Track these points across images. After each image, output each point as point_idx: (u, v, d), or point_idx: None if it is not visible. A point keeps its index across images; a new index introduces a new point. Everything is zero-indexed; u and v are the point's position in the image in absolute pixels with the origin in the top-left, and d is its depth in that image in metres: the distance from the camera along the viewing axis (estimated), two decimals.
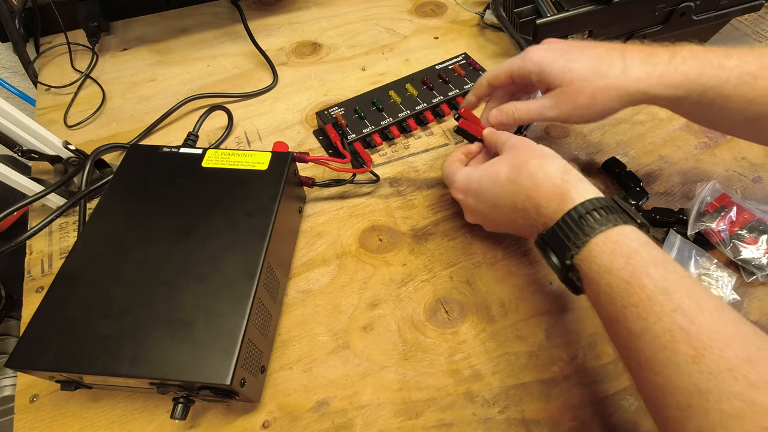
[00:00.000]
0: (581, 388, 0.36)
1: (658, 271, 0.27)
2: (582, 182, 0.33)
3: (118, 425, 0.35)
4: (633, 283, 0.27)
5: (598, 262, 0.29)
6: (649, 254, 0.28)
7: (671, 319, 0.25)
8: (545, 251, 0.33)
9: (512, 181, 0.35)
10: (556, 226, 0.31)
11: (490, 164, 0.38)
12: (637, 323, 0.26)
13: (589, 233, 0.29)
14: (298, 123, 0.56)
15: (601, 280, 0.28)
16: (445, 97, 0.54)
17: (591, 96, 0.36)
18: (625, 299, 0.27)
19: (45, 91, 0.59)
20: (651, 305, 0.26)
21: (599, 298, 0.29)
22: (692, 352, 0.23)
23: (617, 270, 0.28)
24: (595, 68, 0.36)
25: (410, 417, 0.35)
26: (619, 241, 0.29)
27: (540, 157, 0.35)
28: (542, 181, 0.33)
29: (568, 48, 0.38)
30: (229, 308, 0.32)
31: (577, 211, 0.31)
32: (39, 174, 0.50)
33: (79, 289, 0.33)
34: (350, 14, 0.70)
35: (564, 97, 0.37)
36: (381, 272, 0.43)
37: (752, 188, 0.48)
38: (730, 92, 0.34)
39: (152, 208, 0.38)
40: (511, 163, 0.36)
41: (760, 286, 0.41)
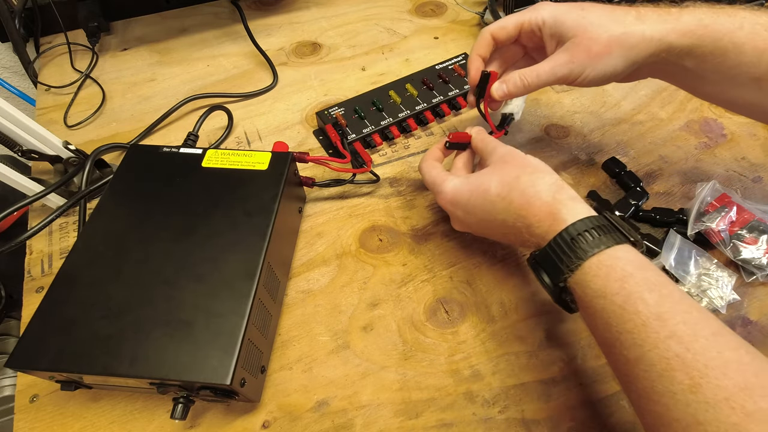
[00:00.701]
0: (581, 388, 0.36)
1: (652, 296, 0.26)
2: (574, 201, 0.32)
3: (118, 425, 0.35)
4: (627, 308, 0.26)
5: (592, 287, 0.28)
6: (644, 278, 0.27)
7: (666, 347, 0.24)
8: (537, 271, 0.33)
9: (502, 198, 0.34)
10: (548, 248, 0.31)
11: (478, 178, 0.36)
12: (632, 350, 0.26)
13: (581, 256, 0.29)
14: (298, 123, 0.56)
15: (595, 304, 0.28)
16: (445, 97, 0.54)
17: (607, 44, 0.35)
18: (621, 325, 0.26)
19: (45, 91, 0.59)
20: (646, 332, 0.25)
21: (595, 323, 0.29)
22: (689, 381, 0.23)
23: (611, 295, 0.27)
24: (610, 16, 0.35)
25: (410, 417, 0.35)
26: (613, 264, 0.28)
27: (531, 173, 0.34)
28: (533, 199, 0.33)
29: (579, 2, 0.37)
30: (229, 308, 0.32)
31: (568, 233, 0.30)
32: (39, 174, 0.50)
33: (79, 289, 0.33)
34: (350, 14, 0.70)
35: (577, 48, 0.35)
36: (381, 272, 0.43)
37: (752, 188, 0.48)
38: (743, 41, 0.33)
39: (152, 208, 0.38)
40: (501, 180, 0.35)
41: (760, 286, 0.41)
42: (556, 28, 0.36)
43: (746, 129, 0.54)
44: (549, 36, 0.37)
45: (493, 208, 0.35)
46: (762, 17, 0.34)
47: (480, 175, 0.37)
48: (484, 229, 0.39)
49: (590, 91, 0.58)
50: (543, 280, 0.32)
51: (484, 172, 0.37)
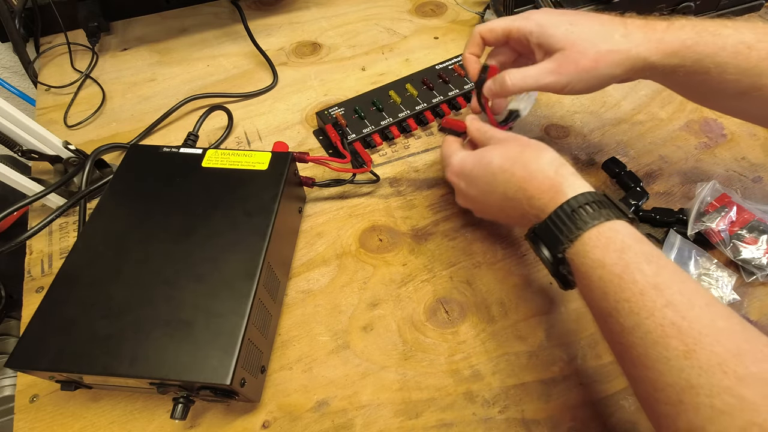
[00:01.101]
0: (581, 388, 0.36)
1: (650, 267, 0.27)
2: (575, 176, 0.33)
3: (118, 425, 0.35)
4: (625, 278, 0.27)
5: (590, 257, 0.29)
6: (642, 250, 0.28)
7: (663, 315, 0.25)
8: (536, 244, 0.33)
9: (505, 170, 0.35)
10: (549, 220, 0.31)
11: (482, 152, 0.38)
12: (629, 318, 0.26)
13: (581, 227, 0.29)
14: (298, 123, 0.56)
15: (593, 274, 0.28)
16: (445, 97, 0.54)
17: (594, 59, 0.36)
18: (618, 294, 0.27)
19: (45, 91, 0.59)
20: (643, 300, 0.26)
21: (592, 293, 0.29)
22: (683, 348, 0.24)
23: (610, 265, 0.28)
24: (598, 31, 0.36)
25: (410, 417, 0.35)
26: (612, 236, 0.29)
27: (534, 148, 0.35)
28: (535, 172, 0.33)
29: (569, 13, 0.38)
30: (229, 308, 0.32)
31: (569, 205, 0.31)
32: (39, 174, 0.50)
33: (79, 289, 0.33)
34: (350, 14, 0.70)
35: (565, 60, 0.36)
36: (381, 272, 0.43)
37: (752, 188, 0.48)
38: (726, 60, 0.34)
39: (152, 208, 0.38)
40: (503, 153, 0.36)
41: (760, 286, 0.41)
42: (544, 39, 0.37)
43: (746, 129, 0.53)
44: (536, 45, 0.38)
45: (494, 180, 0.36)
46: (746, 34, 0.34)
47: (484, 150, 0.38)
48: (484, 203, 0.39)
49: None
50: (541, 252, 0.32)
51: (488, 148, 0.38)
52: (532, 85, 0.38)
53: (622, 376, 0.36)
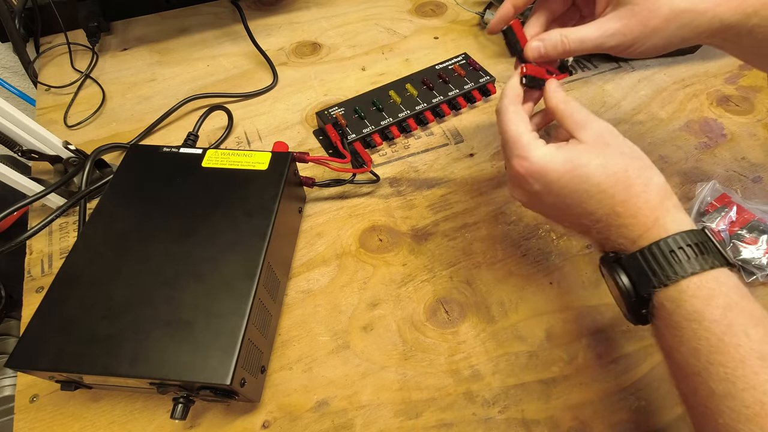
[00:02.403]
0: (581, 388, 0.36)
1: (757, 331, 0.24)
2: (679, 210, 0.29)
3: (118, 425, 0.35)
4: (726, 340, 0.24)
5: (687, 307, 0.26)
6: (750, 310, 0.25)
7: (765, 390, 0.23)
8: (616, 273, 0.29)
9: (602, 190, 0.29)
10: (641, 254, 0.28)
11: (576, 157, 0.30)
12: (722, 385, 0.24)
13: (681, 273, 0.26)
14: (298, 123, 0.56)
15: (687, 326, 0.26)
16: (445, 97, 0.54)
17: (666, 19, 0.30)
18: (713, 356, 0.24)
19: (45, 91, 0.59)
20: (743, 370, 0.23)
21: (679, 345, 0.26)
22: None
23: (709, 321, 0.25)
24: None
25: (410, 417, 0.35)
26: (716, 288, 0.26)
27: (640, 167, 0.30)
28: (639, 201, 0.29)
29: None
30: (229, 308, 0.32)
31: (668, 244, 0.27)
32: (39, 174, 0.50)
33: (79, 289, 0.33)
34: (350, 14, 0.70)
35: (634, 19, 0.31)
36: (381, 272, 0.43)
37: (752, 188, 0.48)
38: None
39: (152, 208, 0.38)
40: (605, 167, 0.29)
41: (760, 286, 0.41)
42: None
43: (746, 129, 0.54)
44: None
45: (587, 197, 0.30)
46: None
47: (578, 154, 0.30)
48: (557, 213, 0.33)
49: (590, 91, 0.58)
50: (622, 284, 0.29)
51: (582, 151, 0.30)
52: (592, 48, 0.32)
53: (622, 376, 0.37)
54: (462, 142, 0.53)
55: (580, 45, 0.32)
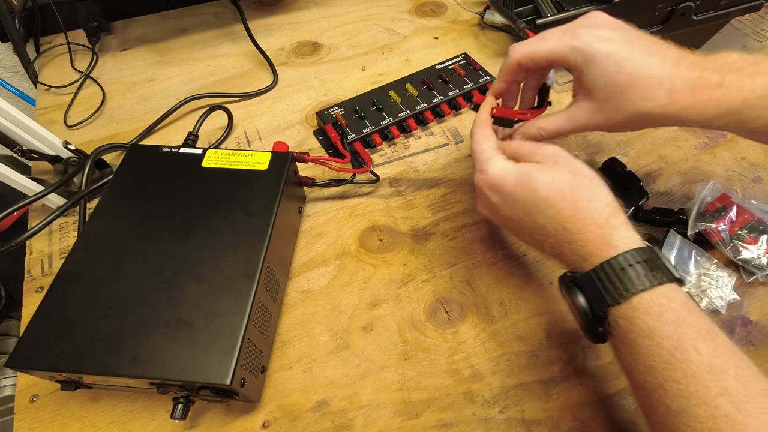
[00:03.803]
0: (581, 388, 0.36)
1: (706, 345, 0.25)
2: (626, 228, 0.30)
3: (118, 425, 0.35)
4: (677, 356, 0.25)
5: (639, 325, 0.26)
6: (698, 324, 0.26)
7: (716, 405, 0.23)
8: (573, 293, 0.30)
9: (551, 205, 0.31)
10: (594, 273, 0.29)
11: (528, 172, 0.33)
12: (677, 401, 0.24)
13: (631, 290, 0.27)
14: (298, 123, 0.56)
15: (640, 343, 0.26)
16: (445, 97, 0.54)
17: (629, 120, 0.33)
18: (667, 372, 0.25)
19: (45, 91, 0.59)
20: (695, 385, 0.24)
21: (635, 362, 0.27)
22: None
23: (660, 338, 0.26)
24: (642, 88, 0.32)
25: (410, 417, 0.35)
26: (666, 303, 0.26)
27: (587, 185, 0.31)
28: (585, 216, 0.30)
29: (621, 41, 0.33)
30: (229, 308, 0.32)
31: (618, 262, 0.28)
32: (39, 174, 0.50)
33: (79, 288, 0.33)
34: (350, 14, 0.70)
35: (601, 115, 0.34)
36: (381, 272, 0.43)
37: (752, 188, 0.48)
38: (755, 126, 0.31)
39: (152, 208, 0.38)
40: (553, 184, 0.32)
41: (760, 286, 0.41)
42: (586, 78, 0.34)
43: None
44: (577, 80, 0.35)
45: (536, 211, 0.32)
46: None
47: (530, 169, 0.33)
48: (515, 225, 0.35)
49: None
50: (579, 303, 0.30)
51: (535, 167, 0.33)
52: (566, 134, 0.37)
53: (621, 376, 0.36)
54: (462, 142, 0.53)
55: (557, 134, 0.37)
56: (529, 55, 0.36)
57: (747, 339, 0.38)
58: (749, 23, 0.67)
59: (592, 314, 0.29)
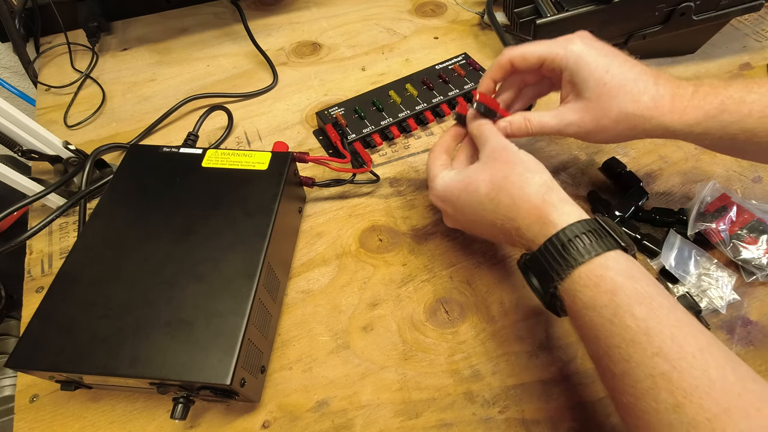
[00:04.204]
0: (581, 388, 0.36)
1: (641, 309, 0.26)
2: (564, 203, 0.31)
3: (118, 425, 0.35)
4: (616, 322, 0.26)
5: (581, 297, 0.28)
6: (634, 290, 0.27)
7: (653, 364, 0.24)
8: (527, 275, 0.32)
9: (491, 199, 0.33)
10: (539, 252, 0.30)
11: (468, 175, 0.35)
12: (619, 365, 0.26)
13: (572, 264, 0.28)
14: (298, 123, 0.56)
15: (584, 315, 0.28)
16: (445, 97, 0.54)
17: (615, 120, 0.35)
18: (608, 339, 0.26)
19: (45, 91, 0.59)
20: (633, 347, 0.25)
21: (584, 333, 0.28)
22: (673, 400, 0.23)
23: (600, 307, 0.27)
24: (629, 90, 0.34)
25: (410, 417, 0.35)
26: (603, 274, 0.27)
27: (520, 172, 0.33)
28: (521, 201, 0.32)
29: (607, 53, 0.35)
30: (229, 308, 0.32)
31: (559, 238, 0.29)
32: (39, 174, 0.50)
33: (79, 289, 0.33)
34: (350, 14, 0.70)
35: (588, 115, 0.35)
36: (381, 272, 0.43)
37: (752, 188, 0.48)
38: (753, 126, 0.33)
39: (152, 208, 0.38)
40: (490, 179, 0.33)
41: (760, 286, 0.41)
42: (577, 80, 0.35)
43: None
44: (567, 82, 0.36)
45: (482, 209, 0.34)
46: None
47: (470, 172, 0.35)
48: (474, 228, 0.38)
49: None
50: (532, 284, 0.31)
51: (474, 168, 0.35)
52: (551, 133, 0.37)
53: None
54: None
55: (540, 129, 0.37)
56: (522, 54, 0.37)
57: (747, 339, 0.38)
58: (749, 23, 0.67)
59: (545, 292, 0.30)
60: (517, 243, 0.33)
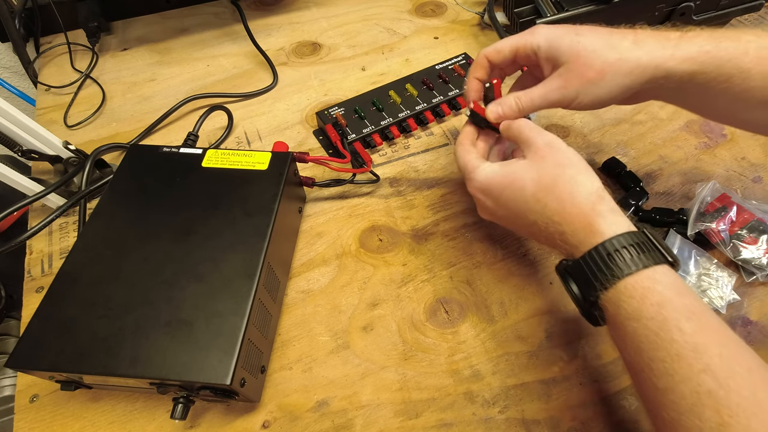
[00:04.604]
0: (581, 388, 0.36)
1: (690, 325, 0.25)
2: (614, 213, 0.30)
3: (118, 425, 0.35)
4: (662, 336, 0.25)
5: (626, 308, 0.27)
6: (683, 304, 0.26)
7: (699, 381, 0.24)
8: (566, 281, 0.31)
9: (538, 200, 0.32)
10: (582, 260, 0.29)
11: (514, 172, 0.34)
12: (663, 379, 0.25)
13: (617, 274, 0.28)
14: (298, 123, 0.56)
15: (627, 326, 0.27)
16: (445, 97, 0.54)
17: (600, 70, 0.33)
18: (653, 352, 0.26)
19: (45, 91, 0.59)
20: (679, 363, 0.25)
21: (624, 344, 0.28)
22: (718, 419, 0.23)
23: (646, 319, 0.26)
24: (605, 40, 0.34)
25: (410, 417, 0.35)
26: (651, 286, 0.27)
27: (571, 176, 0.32)
28: (570, 207, 0.31)
29: (576, 26, 0.36)
30: (229, 308, 0.32)
31: (605, 248, 0.29)
32: (39, 174, 0.50)
33: (79, 289, 0.33)
34: (350, 14, 0.70)
35: (571, 74, 0.35)
36: (381, 272, 0.43)
37: (752, 188, 0.48)
38: (749, 66, 0.32)
39: (152, 208, 0.38)
40: (538, 179, 0.32)
41: (760, 286, 0.41)
42: (551, 53, 0.36)
43: None
44: (545, 60, 0.36)
45: (526, 208, 0.33)
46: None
47: (516, 168, 0.34)
48: (512, 224, 0.37)
49: None
50: (572, 291, 0.31)
51: (521, 165, 0.34)
52: (541, 104, 0.37)
53: (622, 376, 0.37)
54: None
55: (530, 103, 0.37)
56: (495, 48, 0.38)
57: (747, 339, 0.38)
58: (749, 23, 0.67)
59: (584, 300, 0.30)
60: (558, 246, 0.32)
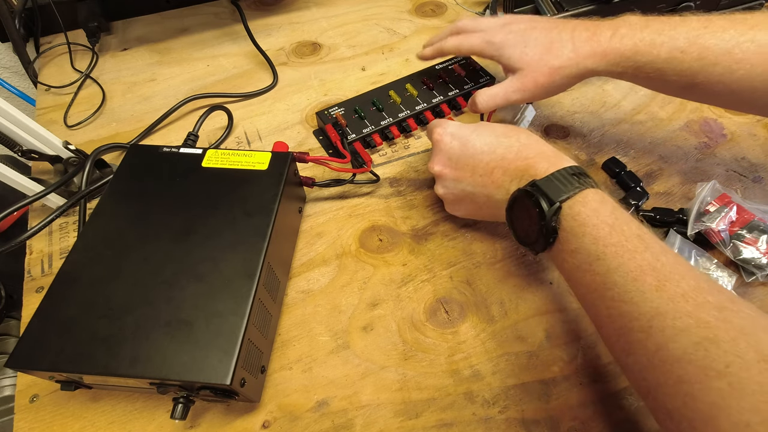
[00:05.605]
0: (581, 388, 0.36)
1: (634, 223, 0.32)
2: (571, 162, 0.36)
3: (118, 425, 0.35)
4: (616, 227, 0.31)
5: (590, 206, 0.32)
6: (624, 213, 0.33)
7: (642, 257, 0.29)
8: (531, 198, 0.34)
9: (508, 136, 0.38)
10: (553, 176, 0.34)
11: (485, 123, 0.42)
12: (614, 260, 0.30)
13: (584, 184, 0.33)
14: (298, 123, 0.56)
15: (588, 221, 0.32)
16: (445, 97, 0.54)
17: (549, 75, 0.42)
18: (607, 239, 0.31)
19: (45, 91, 0.59)
20: (627, 246, 0.30)
21: (583, 238, 0.32)
22: (656, 283, 0.28)
23: (604, 216, 0.32)
24: (548, 50, 0.42)
25: (410, 417, 0.35)
26: (604, 197, 0.33)
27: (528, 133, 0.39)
28: (536, 146, 0.37)
29: (525, 30, 0.44)
30: (229, 308, 0.32)
31: (573, 169, 0.34)
32: (39, 174, 0.50)
33: (79, 289, 0.33)
34: (350, 14, 0.70)
35: (526, 79, 0.43)
36: (381, 272, 0.43)
37: (752, 188, 0.48)
38: (662, 66, 0.39)
39: (152, 208, 0.38)
40: (504, 126, 0.40)
41: (760, 286, 0.41)
42: (505, 61, 0.44)
43: (746, 129, 0.54)
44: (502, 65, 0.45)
45: (497, 141, 0.39)
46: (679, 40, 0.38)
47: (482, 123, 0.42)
48: (471, 170, 0.39)
49: (590, 91, 0.58)
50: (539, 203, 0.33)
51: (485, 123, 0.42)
52: (502, 102, 0.44)
53: (622, 376, 0.37)
54: None
55: (492, 101, 0.45)
56: (457, 47, 0.47)
57: None
58: None
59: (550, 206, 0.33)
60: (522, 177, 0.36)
